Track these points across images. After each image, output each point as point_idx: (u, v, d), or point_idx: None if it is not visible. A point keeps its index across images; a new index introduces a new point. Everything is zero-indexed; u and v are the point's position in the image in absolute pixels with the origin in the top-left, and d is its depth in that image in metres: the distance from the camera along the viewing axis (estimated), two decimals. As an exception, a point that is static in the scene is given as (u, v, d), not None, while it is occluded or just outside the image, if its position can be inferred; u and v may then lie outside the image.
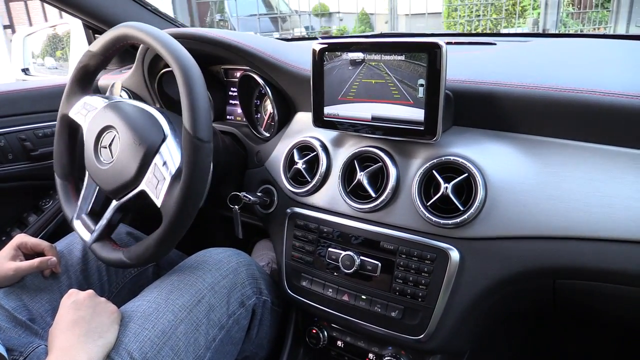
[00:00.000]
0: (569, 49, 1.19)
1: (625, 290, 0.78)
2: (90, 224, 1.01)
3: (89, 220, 1.02)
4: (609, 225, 0.75)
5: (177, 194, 0.85)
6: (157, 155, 0.92)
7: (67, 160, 1.09)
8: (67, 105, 1.06)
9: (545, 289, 0.84)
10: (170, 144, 0.93)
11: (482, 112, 0.89)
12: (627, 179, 0.75)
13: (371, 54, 0.88)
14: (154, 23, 1.49)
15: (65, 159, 1.09)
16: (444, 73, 0.81)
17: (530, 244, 0.81)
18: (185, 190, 0.84)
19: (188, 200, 0.85)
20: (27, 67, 1.94)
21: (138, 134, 0.93)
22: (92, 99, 1.05)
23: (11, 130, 1.35)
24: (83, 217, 1.03)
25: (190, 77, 0.85)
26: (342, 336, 1.09)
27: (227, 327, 0.97)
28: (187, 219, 0.86)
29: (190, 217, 0.87)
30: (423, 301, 0.89)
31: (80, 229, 1.02)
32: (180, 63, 0.85)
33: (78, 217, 1.04)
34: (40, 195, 1.48)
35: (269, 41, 1.25)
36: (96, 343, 0.80)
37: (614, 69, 0.97)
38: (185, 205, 0.85)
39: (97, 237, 0.99)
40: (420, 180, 0.89)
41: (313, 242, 1.02)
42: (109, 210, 0.99)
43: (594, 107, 0.78)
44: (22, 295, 1.00)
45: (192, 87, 0.84)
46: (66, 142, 1.08)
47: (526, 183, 0.82)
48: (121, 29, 0.96)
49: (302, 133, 1.10)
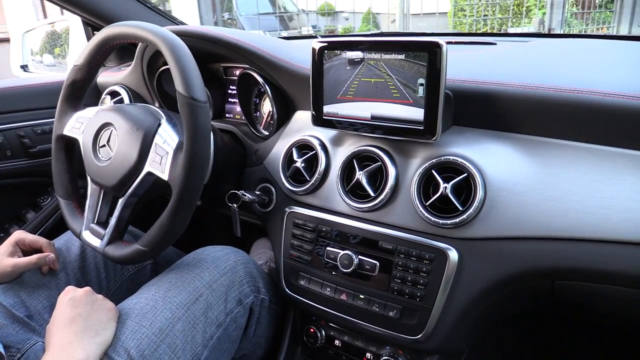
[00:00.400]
0: (569, 50, 1.19)
1: (623, 292, 0.77)
2: (99, 230, 0.99)
3: (97, 227, 1.00)
4: (608, 227, 0.75)
5: (182, 161, 0.84)
6: (157, 135, 0.92)
7: (68, 179, 1.08)
8: (60, 125, 1.06)
9: (544, 290, 0.84)
10: (166, 127, 0.94)
11: (482, 112, 0.88)
12: (627, 180, 0.75)
13: (371, 53, 0.88)
14: (154, 20, 1.49)
15: (66, 179, 1.08)
16: (444, 72, 0.81)
17: (529, 245, 0.81)
18: (190, 154, 0.83)
19: (194, 164, 0.84)
20: (26, 63, 1.94)
21: (134, 120, 0.94)
22: (83, 112, 1.05)
23: (10, 126, 1.35)
24: (91, 227, 1.01)
25: (175, 46, 0.85)
26: (340, 335, 1.09)
27: (225, 325, 0.97)
28: (196, 185, 0.85)
29: (199, 183, 0.85)
30: (421, 301, 0.88)
31: (90, 239, 1.00)
32: (165, 39, 0.86)
33: (87, 228, 1.02)
34: (39, 192, 1.48)
35: (269, 39, 1.25)
36: (93, 340, 0.80)
37: (614, 69, 0.97)
38: (192, 171, 0.84)
39: (108, 239, 0.97)
40: (419, 180, 0.89)
41: (311, 241, 1.02)
42: (117, 208, 0.97)
43: (594, 108, 0.77)
44: (20, 292, 1.00)
45: (179, 54, 0.84)
46: (64, 161, 1.08)
47: (526, 184, 0.82)
48: (101, 33, 0.96)
49: (301, 132, 1.09)
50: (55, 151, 1.08)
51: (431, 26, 6.65)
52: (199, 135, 0.83)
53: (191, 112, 0.82)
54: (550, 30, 5.78)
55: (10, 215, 1.47)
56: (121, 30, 0.93)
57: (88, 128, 1.01)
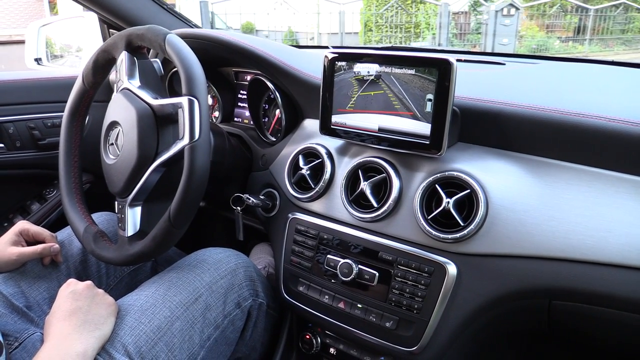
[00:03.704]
0: (576, 73, 1.20)
1: (619, 315, 0.78)
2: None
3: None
4: (607, 250, 0.76)
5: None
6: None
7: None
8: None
9: (541, 309, 0.85)
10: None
11: (488, 130, 0.90)
12: (628, 205, 0.76)
13: (382, 66, 0.89)
14: (168, 22, 1.51)
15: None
16: (452, 89, 0.82)
17: (528, 264, 0.81)
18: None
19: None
20: (40, 57, 1.95)
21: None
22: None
23: (21, 118, 1.36)
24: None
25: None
26: (336, 343, 1.10)
27: (222, 327, 0.97)
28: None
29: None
30: (418, 313, 0.89)
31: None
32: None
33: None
34: (45, 185, 1.49)
35: (282, 47, 1.27)
36: (92, 334, 0.81)
37: (620, 95, 0.98)
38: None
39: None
40: (422, 194, 0.90)
41: (312, 248, 1.03)
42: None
43: (599, 132, 0.79)
44: (21, 282, 1.00)
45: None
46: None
47: (528, 203, 0.83)
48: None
49: (309, 139, 1.11)
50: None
51: (345, 43, 8.41)
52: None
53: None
54: (439, 46, 7.79)
55: (15, 206, 1.48)
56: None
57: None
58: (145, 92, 0.94)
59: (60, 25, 2.01)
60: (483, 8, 9.18)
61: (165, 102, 0.91)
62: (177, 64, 0.88)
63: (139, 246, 0.92)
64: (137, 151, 0.91)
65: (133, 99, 0.94)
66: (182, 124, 0.86)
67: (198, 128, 0.85)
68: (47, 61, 1.87)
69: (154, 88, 0.97)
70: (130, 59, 0.96)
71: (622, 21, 10.11)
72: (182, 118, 0.86)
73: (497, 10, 8.14)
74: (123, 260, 0.94)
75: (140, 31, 0.94)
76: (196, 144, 0.85)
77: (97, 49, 1.04)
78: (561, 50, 9.64)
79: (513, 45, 8.05)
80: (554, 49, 9.53)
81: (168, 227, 0.88)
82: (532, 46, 9.36)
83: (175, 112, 0.88)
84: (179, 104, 0.87)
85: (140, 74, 0.97)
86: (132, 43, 0.96)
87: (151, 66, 1.00)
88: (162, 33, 0.91)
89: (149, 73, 0.99)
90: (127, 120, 0.93)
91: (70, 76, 1.47)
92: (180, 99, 0.87)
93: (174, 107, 0.89)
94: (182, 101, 0.86)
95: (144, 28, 0.94)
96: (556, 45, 9.73)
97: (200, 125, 0.85)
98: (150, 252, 0.91)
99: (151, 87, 0.97)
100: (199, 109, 0.86)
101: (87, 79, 1.06)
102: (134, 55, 0.97)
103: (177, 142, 0.88)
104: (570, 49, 9.72)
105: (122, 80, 0.97)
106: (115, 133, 0.98)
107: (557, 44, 9.81)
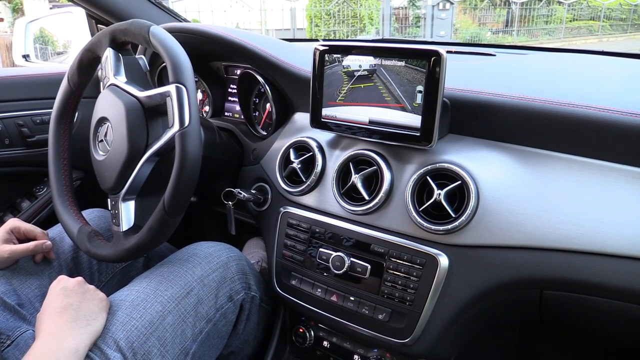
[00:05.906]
0: (567, 64, 1.21)
1: (610, 304, 0.78)
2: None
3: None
4: (598, 240, 0.76)
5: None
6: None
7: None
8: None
9: (533, 299, 0.85)
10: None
11: (478, 121, 0.90)
12: (619, 194, 0.77)
13: (372, 58, 0.89)
14: (157, 16, 1.50)
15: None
16: (442, 81, 0.82)
17: (519, 254, 0.82)
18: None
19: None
20: (28, 53, 1.94)
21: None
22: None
23: (9, 115, 1.35)
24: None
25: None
26: (329, 336, 1.10)
27: (215, 320, 0.97)
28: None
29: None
30: (410, 305, 0.89)
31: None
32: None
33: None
34: (35, 182, 1.48)
35: (271, 40, 1.26)
36: (84, 330, 0.80)
37: (610, 85, 0.99)
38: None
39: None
40: (413, 186, 0.90)
41: (304, 242, 1.03)
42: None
43: (590, 122, 0.79)
44: (12, 279, 1.00)
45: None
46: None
47: (519, 193, 0.83)
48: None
49: (299, 133, 1.10)
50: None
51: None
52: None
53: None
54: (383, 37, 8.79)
55: (5, 204, 1.47)
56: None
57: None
58: (132, 86, 0.94)
59: (48, 21, 2.00)
60: (421, 3, 10.18)
61: (153, 93, 0.91)
62: (163, 54, 0.87)
63: (135, 239, 0.91)
64: (127, 145, 0.91)
65: (120, 93, 0.93)
66: (171, 112, 0.85)
67: (188, 114, 0.85)
68: (37, 58, 1.86)
69: (141, 83, 0.97)
70: (115, 55, 0.96)
71: (546, 13, 11.10)
72: (171, 106, 0.85)
73: (434, 5, 9.22)
74: (120, 256, 0.94)
75: (123, 26, 0.93)
76: (187, 130, 0.84)
77: (81, 49, 1.03)
78: (492, 41, 10.60)
79: (449, 37, 9.12)
80: (486, 40, 10.44)
81: (163, 217, 0.87)
82: (466, 37, 10.32)
83: (163, 103, 0.88)
84: (166, 93, 0.87)
85: (126, 70, 0.97)
86: (116, 39, 0.95)
87: (137, 62, 0.99)
88: (146, 25, 0.91)
89: (135, 69, 0.98)
90: (115, 115, 0.93)
91: (59, 72, 1.45)
92: (168, 88, 0.86)
93: (162, 97, 0.88)
94: (169, 89, 0.86)
95: (127, 23, 0.93)
96: (488, 36, 10.75)
97: (190, 112, 0.85)
98: (147, 244, 0.91)
99: (137, 83, 0.96)
100: (187, 96, 0.85)
101: (72, 79, 1.05)
102: (118, 52, 0.96)
103: (167, 130, 0.87)
104: (501, 40, 10.78)
105: (108, 77, 0.96)
106: (104, 129, 0.98)
107: (489, 36, 10.84)
